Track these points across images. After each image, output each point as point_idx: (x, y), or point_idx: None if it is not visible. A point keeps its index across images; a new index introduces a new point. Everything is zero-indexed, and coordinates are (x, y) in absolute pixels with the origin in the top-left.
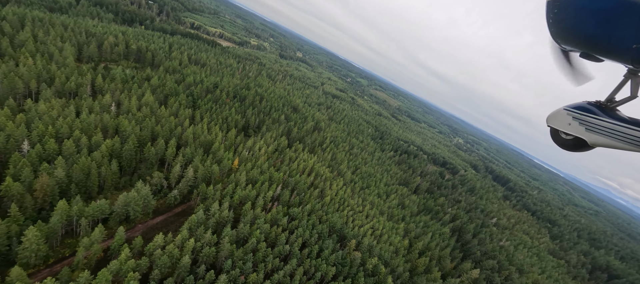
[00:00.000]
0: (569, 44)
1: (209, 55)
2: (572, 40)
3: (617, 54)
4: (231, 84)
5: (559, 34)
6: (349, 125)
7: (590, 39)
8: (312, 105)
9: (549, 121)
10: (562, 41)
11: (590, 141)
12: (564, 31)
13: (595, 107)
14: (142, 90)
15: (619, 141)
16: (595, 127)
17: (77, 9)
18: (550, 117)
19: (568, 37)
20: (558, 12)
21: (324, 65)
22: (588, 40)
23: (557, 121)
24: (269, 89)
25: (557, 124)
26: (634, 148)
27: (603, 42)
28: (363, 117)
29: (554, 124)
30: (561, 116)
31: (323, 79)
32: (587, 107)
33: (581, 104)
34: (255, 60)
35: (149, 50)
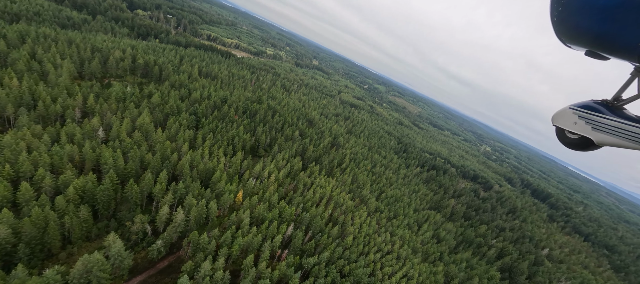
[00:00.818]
0: (574, 42)
1: (221, 67)
2: (577, 38)
3: (623, 51)
4: (241, 98)
5: (563, 32)
6: (370, 138)
7: (596, 37)
8: (329, 117)
9: (555, 120)
10: (567, 39)
11: (596, 140)
12: (569, 29)
13: (601, 105)
14: (140, 109)
15: (626, 139)
16: (601, 126)
17: (91, 25)
18: (555, 116)
19: (573, 35)
20: (563, 10)
21: (340, 73)
22: (594, 38)
23: (563, 120)
24: (282, 101)
25: (563, 123)
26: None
27: (609, 39)
28: (383, 127)
29: (560, 123)
30: (567, 115)
31: (340, 87)
32: (594, 106)
33: (587, 102)
34: (269, 70)
35: (157, 64)
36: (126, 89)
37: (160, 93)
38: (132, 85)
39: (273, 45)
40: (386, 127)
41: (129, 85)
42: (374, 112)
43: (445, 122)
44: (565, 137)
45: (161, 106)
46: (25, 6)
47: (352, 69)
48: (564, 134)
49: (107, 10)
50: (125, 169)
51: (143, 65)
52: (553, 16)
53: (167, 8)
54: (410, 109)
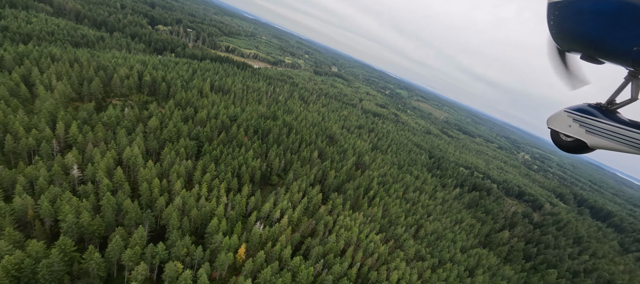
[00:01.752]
0: (570, 46)
1: (235, 80)
2: (573, 42)
3: (618, 56)
4: (253, 115)
5: (560, 36)
6: (398, 154)
7: (591, 41)
8: (351, 130)
9: (549, 122)
10: (563, 43)
11: (590, 143)
12: (565, 33)
13: (595, 109)
14: (132, 136)
15: (619, 143)
16: (595, 130)
17: (106, 42)
18: (550, 119)
19: (569, 39)
20: (559, 14)
21: (360, 79)
22: (589, 43)
23: (558, 123)
24: (300, 115)
25: (558, 125)
26: (634, 151)
27: (604, 44)
28: (411, 139)
29: (555, 125)
30: (562, 117)
31: (361, 95)
32: (588, 109)
33: (582, 106)
34: (287, 80)
35: (165, 80)
36: (123, 111)
37: (159, 115)
38: (132, 106)
39: (292, 54)
40: (414, 138)
41: (127, 106)
42: (399, 120)
43: (475, 128)
44: (560, 140)
45: (159, 130)
46: (40, 27)
47: (372, 74)
48: (558, 137)
49: (126, 26)
50: (90, 226)
51: (150, 82)
52: (549, 21)
53: (187, 22)
54: (436, 114)
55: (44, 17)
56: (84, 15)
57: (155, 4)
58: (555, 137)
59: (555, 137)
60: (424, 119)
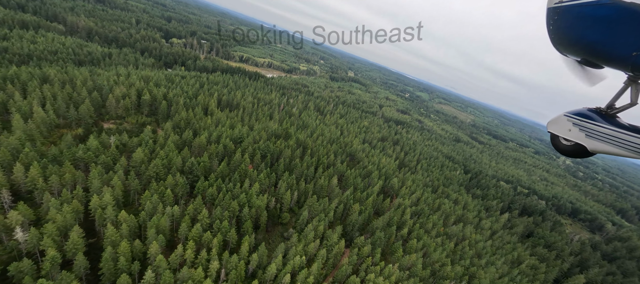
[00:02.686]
0: (569, 51)
1: (245, 93)
2: (572, 47)
3: (617, 61)
4: (263, 135)
5: (559, 41)
6: (430, 171)
7: (591, 46)
8: (374, 144)
9: (550, 126)
10: (563, 48)
11: (590, 148)
12: (564, 38)
13: (595, 113)
14: (110, 175)
15: (619, 147)
16: (595, 134)
17: (113, 59)
18: (550, 123)
19: (568, 44)
20: (558, 19)
21: (378, 83)
22: (588, 48)
23: (558, 127)
24: (316, 130)
25: (558, 129)
26: (633, 155)
27: (603, 49)
28: (441, 150)
29: (555, 129)
30: (562, 121)
31: (380, 100)
32: (587, 113)
33: (581, 110)
34: (302, 89)
35: (166, 98)
36: (111, 140)
37: (149, 144)
38: (123, 131)
39: (306, 61)
40: (443, 148)
41: (114, 135)
42: (424, 128)
43: (506, 131)
44: (560, 144)
45: (144, 165)
46: (43, 46)
47: (389, 77)
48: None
49: (137, 42)
50: None
51: (149, 101)
52: (549, 25)
53: (201, 34)
54: (461, 117)
55: (51, 35)
56: (95, 32)
57: (172, 18)
58: (555, 141)
59: (555, 141)
60: (449, 123)
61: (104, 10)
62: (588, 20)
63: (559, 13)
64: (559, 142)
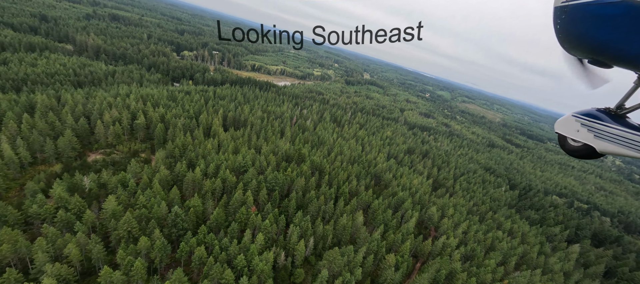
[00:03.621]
0: (577, 51)
1: (254, 106)
2: (580, 46)
3: (626, 60)
4: (272, 159)
5: (566, 40)
6: (470, 190)
7: (599, 46)
8: (400, 158)
9: (557, 127)
10: (570, 47)
11: (599, 148)
12: (572, 37)
13: (604, 114)
14: (66, 239)
15: (628, 148)
16: (604, 135)
17: (116, 77)
18: (558, 123)
19: (576, 43)
20: (566, 18)
21: (395, 84)
22: (597, 47)
23: (566, 128)
24: (334, 147)
25: (566, 130)
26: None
27: (612, 48)
28: (477, 159)
29: (562, 130)
30: (570, 122)
31: (401, 103)
32: (596, 114)
33: (590, 110)
34: (316, 97)
35: (164, 120)
36: (83, 180)
37: (132, 185)
38: (105, 167)
39: (320, 65)
40: (479, 157)
41: (88, 176)
42: (453, 133)
43: (540, 129)
44: (568, 145)
45: (113, 220)
46: (42, 69)
47: (406, 77)
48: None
49: (144, 57)
50: None
51: (144, 125)
52: (556, 24)
53: (213, 45)
54: (489, 116)
55: (55, 57)
56: (103, 50)
57: (185, 30)
58: (563, 142)
59: (563, 142)
60: (478, 124)
61: (118, 27)
62: (596, 19)
63: (567, 12)
64: (567, 143)
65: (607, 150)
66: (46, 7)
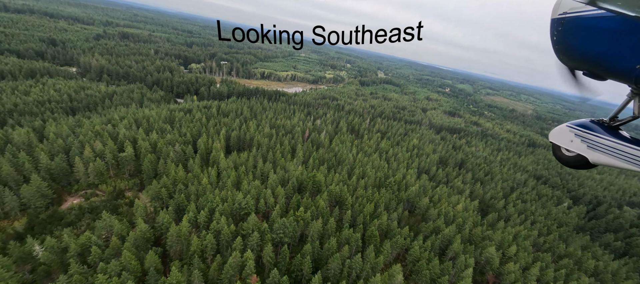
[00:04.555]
0: (573, 62)
1: (261, 122)
2: (576, 58)
3: (620, 74)
4: (280, 193)
5: (562, 51)
6: (528, 212)
7: (594, 58)
8: (433, 174)
9: (552, 136)
10: (566, 59)
11: (591, 159)
12: (568, 49)
13: (598, 125)
14: None
15: (620, 160)
16: (597, 146)
17: (115, 99)
18: (552, 133)
19: (572, 55)
20: (563, 30)
21: (411, 80)
22: (592, 59)
23: (560, 137)
24: (354, 168)
25: (560, 140)
26: (635, 168)
27: (606, 62)
28: (522, 165)
29: (556, 140)
30: (564, 132)
31: (422, 103)
32: (590, 125)
33: (584, 121)
34: (330, 103)
35: (156, 149)
36: (34, 249)
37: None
38: (83, 214)
39: (332, 67)
40: (524, 162)
41: (38, 243)
42: (486, 133)
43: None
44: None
45: None
46: (34, 97)
47: (422, 72)
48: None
49: (148, 75)
50: None
51: (131, 158)
52: (553, 36)
53: (222, 55)
54: (518, 108)
55: (52, 82)
56: (106, 70)
57: (193, 43)
58: (557, 151)
59: (557, 152)
60: (510, 119)
61: (126, 44)
62: (592, 32)
63: (564, 24)
64: (560, 152)
65: (599, 161)
66: (58, 31)
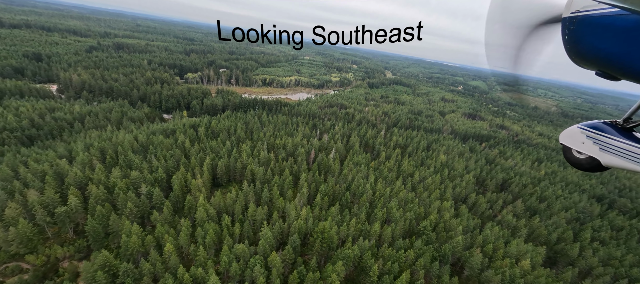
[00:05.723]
0: (585, 63)
1: (257, 143)
2: (588, 59)
3: (635, 75)
4: (277, 263)
5: (575, 52)
6: (614, 264)
7: (608, 59)
8: (472, 203)
9: (562, 138)
10: (578, 59)
11: (604, 162)
12: (580, 49)
13: (610, 126)
14: None
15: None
16: (610, 148)
17: (88, 122)
18: (563, 135)
19: (584, 55)
20: (575, 29)
21: (421, 80)
22: (605, 60)
23: (571, 139)
24: (376, 206)
25: (571, 142)
26: None
27: (621, 61)
28: (574, 182)
29: (567, 142)
30: (575, 134)
31: (438, 105)
32: (602, 126)
33: (596, 123)
34: (338, 113)
35: (110, 196)
36: None
37: None
38: None
39: (338, 69)
40: (576, 178)
41: None
42: (518, 138)
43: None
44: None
45: None
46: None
47: (430, 70)
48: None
49: (134, 89)
50: None
51: (73, 212)
52: (564, 35)
53: (221, 62)
54: (540, 105)
55: (16, 104)
56: (88, 86)
57: (193, 50)
58: (568, 154)
59: (567, 154)
60: (535, 118)
61: (120, 56)
62: (606, 31)
63: (575, 23)
64: (571, 155)
65: (612, 163)
66: (49, 45)
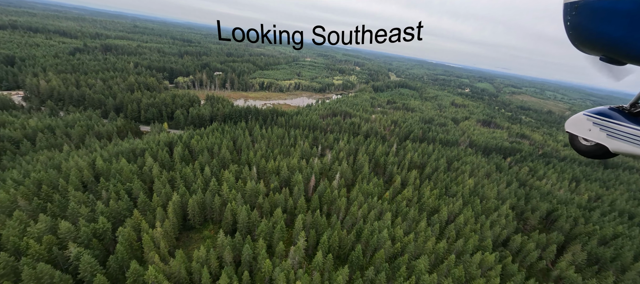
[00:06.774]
0: (589, 48)
1: (246, 167)
2: (591, 44)
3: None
4: None
5: (578, 38)
6: None
7: (611, 43)
8: (518, 249)
9: (568, 126)
10: (581, 45)
11: (612, 148)
12: (583, 35)
13: (617, 112)
14: None
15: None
16: (617, 133)
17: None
18: (569, 123)
19: (587, 40)
20: (576, 15)
21: (426, 82)
22: (609, 44)
23: (577, 127)
24: (398, 264)
25: (577, 129)
26: None
27: (625, 45)
28: (623, 209)
29: (573, 129)
30: (581, 121)
31: (449, 110)
32: (609, 112)
33: (602, 109)
34: (342, 123)
35: (67, 253)
36: None
37: None
38: None
39: (340, 71)
40: (624, 204)
41: None
42: (543, 151)
43: None
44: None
45: None
46: None
47: (434, 71)
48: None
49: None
50: None
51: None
52: (566, 21)
53: (216, 64)
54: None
55: None
56: (56, 94)
57: (187, 52)
58: (574, 141)
59: (574, 142)
60: (552, 124)
61: (106, 58)
62: (609, 15)
63: (577, 8)
64: (578, 142)
65: (620, 150)
66: (27, 47)
